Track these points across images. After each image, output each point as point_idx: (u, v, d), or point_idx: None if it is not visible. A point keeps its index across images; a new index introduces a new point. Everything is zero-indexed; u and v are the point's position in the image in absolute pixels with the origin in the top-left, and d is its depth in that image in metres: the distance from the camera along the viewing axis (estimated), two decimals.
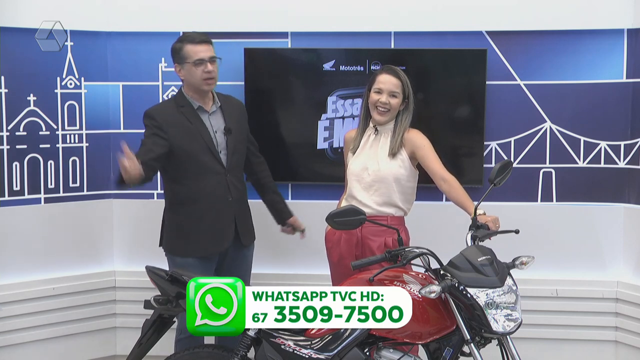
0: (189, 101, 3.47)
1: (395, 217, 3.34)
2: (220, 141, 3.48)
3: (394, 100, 3.32)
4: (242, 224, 3.55)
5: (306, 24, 4.13)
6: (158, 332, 3.13)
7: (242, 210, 3.58)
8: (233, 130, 3.50)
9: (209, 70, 3.40)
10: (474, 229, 2.89)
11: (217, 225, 3.47)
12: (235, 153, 3.51)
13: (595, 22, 4.01)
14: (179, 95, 3.52)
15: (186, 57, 3.41)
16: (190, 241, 3.45)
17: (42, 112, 4.06)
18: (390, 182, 3.32)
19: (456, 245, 2.81)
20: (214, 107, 3.52)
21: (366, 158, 3.38)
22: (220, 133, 3.48)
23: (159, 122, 3.39)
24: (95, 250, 4.28)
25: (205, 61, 3.40)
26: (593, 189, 4.11)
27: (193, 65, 3.40)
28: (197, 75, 3.40)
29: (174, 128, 3.40)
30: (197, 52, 3.40)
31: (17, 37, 3.94)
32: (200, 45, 3.41)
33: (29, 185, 4.05)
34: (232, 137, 3.49)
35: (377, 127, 3.39)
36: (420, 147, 3.32)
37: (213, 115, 3.50)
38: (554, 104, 4.08)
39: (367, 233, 3.32)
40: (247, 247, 3.60)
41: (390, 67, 3.39)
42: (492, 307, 2.59)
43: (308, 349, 2.78)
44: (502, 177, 2.98)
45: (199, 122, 3.45)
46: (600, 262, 4.15)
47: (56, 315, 4.12)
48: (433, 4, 4.08)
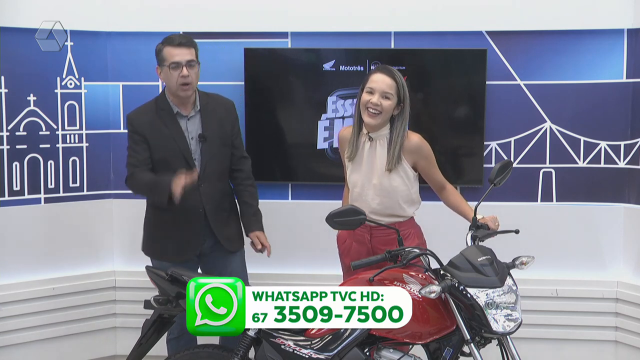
0: (169, 105, 3.39)
1: (403, 222, 3.23)
2: (195, 149, 3.39)
3: (386, 102, 3.08)
4: (222, 232, 3.45)
5: (306, 24, 4.12)
6: (158, 332, 3.13)
7: (221, 219, 3.46)
8: (209, 137, 3.38)
9: (184, 74, 3.29)
10: (474, 229, 2.89)
11: (184, 236, 3.40)
12: (211, 161, 3.40)
13: (595, 22, 4.01)
14: (160, 97, 3.45)
15: (164, 59, 3.33)
16: (159, 246, 3.46)
17: (42, 112, 4.06)
18: (393, 195, 3.19)
19: (456, 245, 2.81)
20: (192, 111, 3.41)
21: (364, 170, 3.21)
22: (195, 140, 3.39)
23: (135, 127, 3.38)
24: (95, 250, 4.28)
25: (182, 65, 3.29)
26: (593, 189, 4.11)
27: (169, 68, 3.31)
28: (173, 80, 3.31)
29: (150, 133, 3.36)
30: (173, 55, 3.30)
31: (17, 37, 3.94)
32: (178, 49, 3.31)
33: (29, 185, 4.05)
34: (207, 144, 3.38)
35: (371, 133, 3.18)
36: (423, 159, 3.18)
37: (191, 120, 3.41)
38: (554, 104, 4.08)
39: (377, 243, 3.23)
40: (234, 252, 3.51)
41: (385, 67, 3.17)
42: (492, 307, 2.59)
43: (308, 349, 2.78)
44: (502, 177, 2.98)
45: (176, 128, 3.37)
46: (600, 262, 4.15)
47: (56, 315, 4.12)
48: (433, 4, 4.08)
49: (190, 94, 3.38)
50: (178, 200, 3.14)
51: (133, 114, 3.45)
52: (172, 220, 3.39)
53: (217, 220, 3.44)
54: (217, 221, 3.44)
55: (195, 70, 3.36)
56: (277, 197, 4.21)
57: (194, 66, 3.34)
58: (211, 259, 3.49)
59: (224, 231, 3.46)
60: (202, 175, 3.36)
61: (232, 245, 3.50)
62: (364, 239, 3.26)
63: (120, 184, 4.25)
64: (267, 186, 4.12)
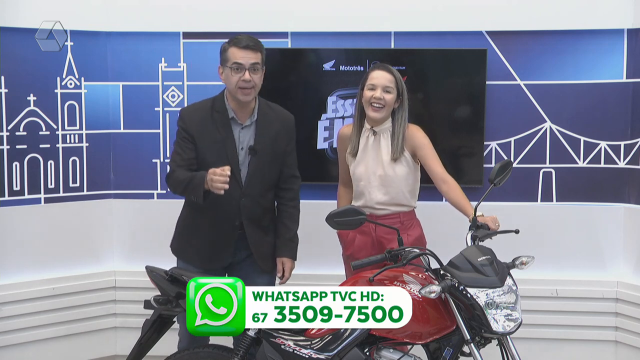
0: (226, 107, 3.24)
1: (407, 212, 3.34)
2: (243, 159, 3.24)
3: (388, 95, 3.24)
4: (259, 248, 3.30)
5: (306, 24, 4.12)
6: (158, 332, 3.13)
7: (259, 235, 3.30)
8: (259, 150, 3.23)
9: (246, 79, 3.14)
10: (474, 229, 2.89)
11: (216, 246, 3.28)
12: (257, 175, 3.25)
13: (595, 22, 4.01)
14: (218, 97, 3.30)
15: (227, 59, 3.18)
16: (190, 248, 3.34)
17: (42, 112, 4.06)
18: (398, 184, 3.29)
19: (456, 245, 2.81)
20: (249, 120, 3.25)
21: (370, 163, 3.32)
22: (246, 150, 3.24)
23: (186, 126, 3.23)
24: (95, 250, 4.28)
25: (245, 68, 3.14)
26: (593, 189, 4.11)
27: (231, 69, 3.16)
28: (233, 82, 3.16)
29: (200, 135, 3.22)
30: (236, 57, 3.15)
31: (17, 37, 3.94)
32: (244, 51, 3.15)
33: (29, 185, 4.05)
34: (257, 157, 3.23)
35: (374, 128, 3.33)
36: (421, 147, 3.29)
37: (245, 129, 3.25)
38: (554, 104, 4.08)
39: (382, 233, 3.29)
40: (266, 272, 3.35)
41: (382, 64, 3.33)
42: (492, 307, 2.59)
43: (308, 349, 2.78)
44: (502, 177, 2.98)
45: (228, 134, 3.22)
46: (600, 262, 4.14)
47: (56, 315, 4.12)
48: (433, 4, 4.08)
49: (250, 99, 3.22)
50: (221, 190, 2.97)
51: (186, 109, 3.31)
52: (207, 227, 3.27)
53: (255, 235, 3.29)
54: (254, 236, 3.29)
55: (259, 75, 3.21)
56: None
57: (257, 70, 3.19)
58: (241, 273, 3.23)
59: (260, 248, 3.32)
60: (245, 188, 3.23)
61: (265, 264, 3.34)
62: (368, 228, 3.30)
63: (120, 184, 4.27)
64: None
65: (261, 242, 3.32)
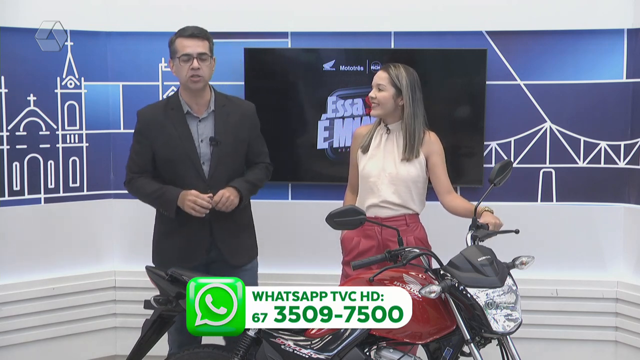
0: (180, 103, 3.25)
1: (412, 215, 3.33)
2: (205, 151, 3.22)
3: (380, 93, 3.26)
4: (226, 244, 3.26)
5: (306, 24, 4.13)
6: (158, 332, 3.13)
7: (228, 230, 3.27)
8: (222, 140, 3.21)
9: (195, 67, 3.14)
10: (474, 229, 2.89)
11: (187, 244, 3.25)
12: (221, 165, 3.23)
13: (595, 22, 4.01)
14: (173, 95, 3.32)
15: (176, 51, 3.20)
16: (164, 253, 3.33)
17: (42, 112, 4.06)
18: (408, 184, 3.28)
19: (456, 245, 2.81)
20: (205, 112, 3.25)
21: (381, 160, 3.31)
22: (206, 142, 3.22)
23: (140, 126, 3.27)
24: (95, 250, 4.28)
25: (192, 57, 3.14)
26: (593, 189, 4.11)
27: (180, 60, 3.17)
28: (183, 73, 3.16)
29: (156, 133, 3.22)
30: (184, 47, 3.16)
31: (17, 37, 3.94)
32: (190, 40, 3.16)
33: (29, 185, 4.05)
34: (219, 149, 3.21)
35: (389, 125, 3.34)
36: (435, 154, 3.30)
37: (203, 122, 3.25)
38: (554, 104, 4.08)
39: (387, 235, 3.25)
40: (239, 267, 3.30)
41: (386, 64, 3.34)
42: (492, 307, 2.59)
43: (308, 349, 2.78)
44: (502, 177, 2.99)
45: (184, 129, 3.21)
46: (600, 262, 4.15)
47: (56, 315, 4.12)
48: (433, 4, 4.08)
49: (201, 87, 3.21)
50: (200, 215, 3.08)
51: (141, 110, 3.33)
52: (177, 226, 3.26)
53: (223, 230, 3.26)
54: (222, 231, 3.26)
55: (208, 64, 3.20)
56: (277, 197, 4.21)
57: (205, 59, 3.19)
58: (216, 272, 3.21)
59: (229, 243, 3.28)
60: (210, 180, 3.22)
61: (236, 259, 3.30)
62: (373, 232, 3.29)
63: (120, 184, 4.25)
64: (267, 186, 4.07)
65: (231, 237, 3.28)
